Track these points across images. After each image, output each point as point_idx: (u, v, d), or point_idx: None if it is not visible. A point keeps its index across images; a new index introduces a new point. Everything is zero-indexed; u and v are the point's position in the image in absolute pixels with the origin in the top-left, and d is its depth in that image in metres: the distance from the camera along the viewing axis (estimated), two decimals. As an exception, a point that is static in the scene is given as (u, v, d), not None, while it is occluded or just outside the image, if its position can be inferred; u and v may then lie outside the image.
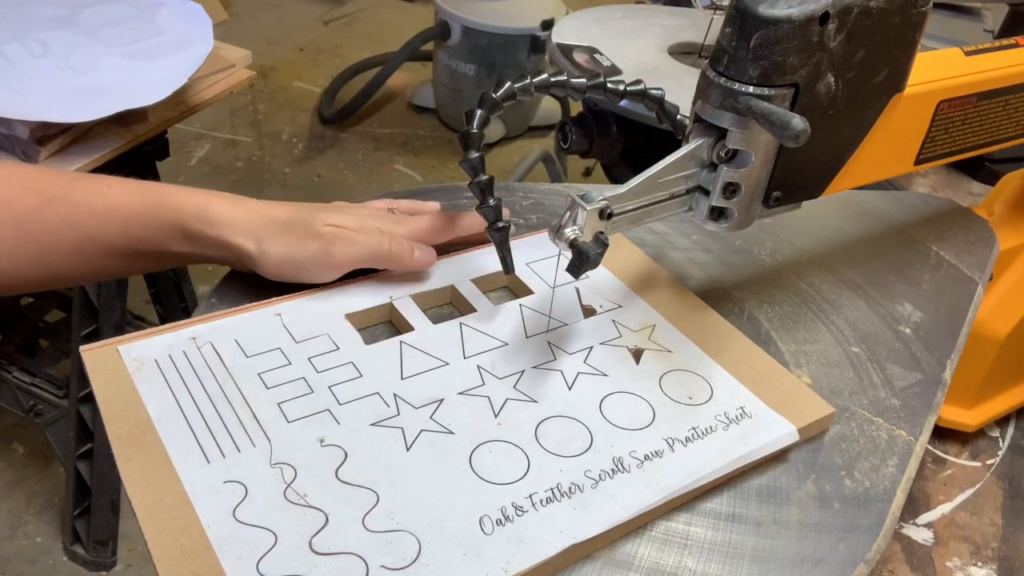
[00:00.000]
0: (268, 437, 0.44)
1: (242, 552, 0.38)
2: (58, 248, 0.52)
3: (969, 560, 0.61)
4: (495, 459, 0.44)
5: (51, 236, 0.51)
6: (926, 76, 0.52)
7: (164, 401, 0.45)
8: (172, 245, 0.52)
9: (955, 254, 0.66)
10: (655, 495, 0.43)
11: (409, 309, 0.54)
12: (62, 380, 1.31)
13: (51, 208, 0.51)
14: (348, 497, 0.41)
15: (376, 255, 0.54)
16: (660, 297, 0.57)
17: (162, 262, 0.55)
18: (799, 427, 0.48)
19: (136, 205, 0.52)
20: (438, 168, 2.38)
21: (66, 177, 0.53)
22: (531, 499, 0.42)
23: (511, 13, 2.27)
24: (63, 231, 0.51)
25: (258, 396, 0.46)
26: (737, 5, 0.43)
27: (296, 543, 0.39)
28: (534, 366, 0.50)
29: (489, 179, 0.53)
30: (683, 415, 0.48)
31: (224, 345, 0.49)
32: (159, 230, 0.52)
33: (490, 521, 0.41)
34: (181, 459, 0.42)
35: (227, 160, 2.28)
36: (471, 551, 0.40)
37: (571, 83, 0.55)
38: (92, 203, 0.51)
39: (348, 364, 0.49)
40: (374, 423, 0.46)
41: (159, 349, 0.49)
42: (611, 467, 0.44)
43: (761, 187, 0.48)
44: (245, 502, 0.41)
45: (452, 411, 0.47)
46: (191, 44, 1.09)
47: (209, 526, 0.39)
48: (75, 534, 1.35)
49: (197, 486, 0.41)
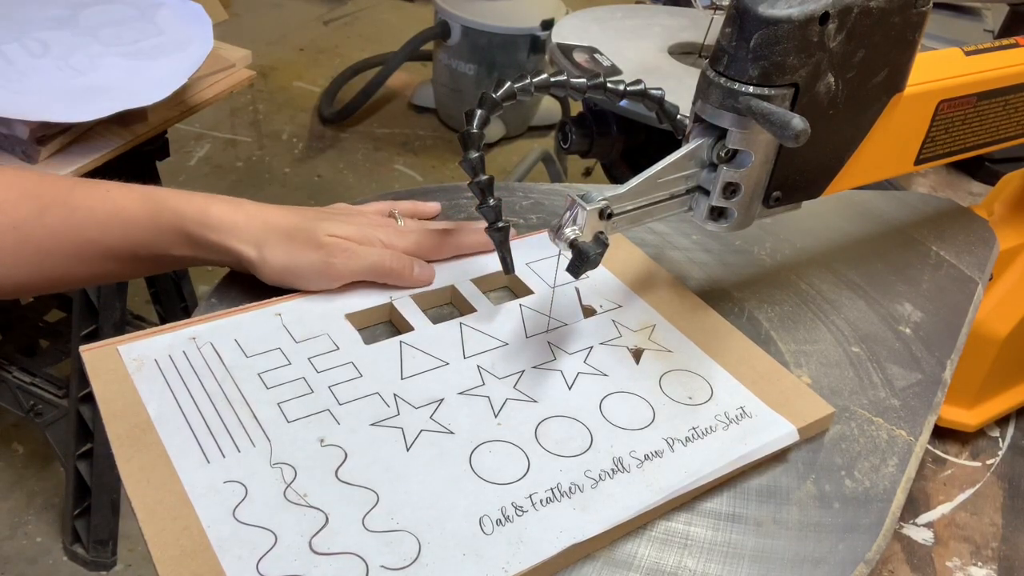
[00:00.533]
0: (268, 437, 0.44)
1: (242, 552, 0.38)
2: (58, 253, 0.52)
3: (969, 560, 0.61)
4: (495, 459, 0.44)
5: (51, 241, 0.51)
6: (926, 76, 0.52)
7: (164, 401, 0.45)
8: (173, 249, 0.52)
9: (955, 254, 0.67)
10: (655, 495, 0.43)
11: (409, 309, 0.54)
12: (62, 380, 1.31)
13: (50, 213, 0.51)
14: (348, 497, 0.41)
15: (376, 270, 0.54)
16: (660, 297, 0.57)
17: (162, 265, 0.55)
18: (799, 427, 0.48)
19: (136, 209, 0.52)
20: (438, 168, 2.38)
21: (65, 182, 0.53)
22: (531, 499, 0.42)
23: (511, 13, 2.27)
24: (63, 236, 0.51)
25: (258, 396, 0.46)
26: (737, 5, 0.43)
27: (296, 543, 0.39)
28: (534, 366, 0.50)
29: (489, 179, 0.53)
30: (683, 415, 0.48)
31: (224, 345, 0.49)
32: (160, 234, 0.52)
33: (490, 521, 0.41)
34: (181, 459, 0.42)
35: (227, 160, 2.28)
36: (471, 551, 0.40)
37: (571, 83, 0.55)
38: (92, 208, 0.51)
39: (348, 364, 0.49)
40: (374, 423, 0.46)
41: (159, 349, 0.49)
42: (611, 467, 0.44)
43: (761, 187, 0.48)
44: (245, 502, 0.41)
45: (452, 411, 0.47)
46: (191, 44, 1.09)
47: (209, 526, 0.39)
48: (75, 534, 1.35)
49: (197, 486, 0.41)
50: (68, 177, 0.54)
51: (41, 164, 0.99)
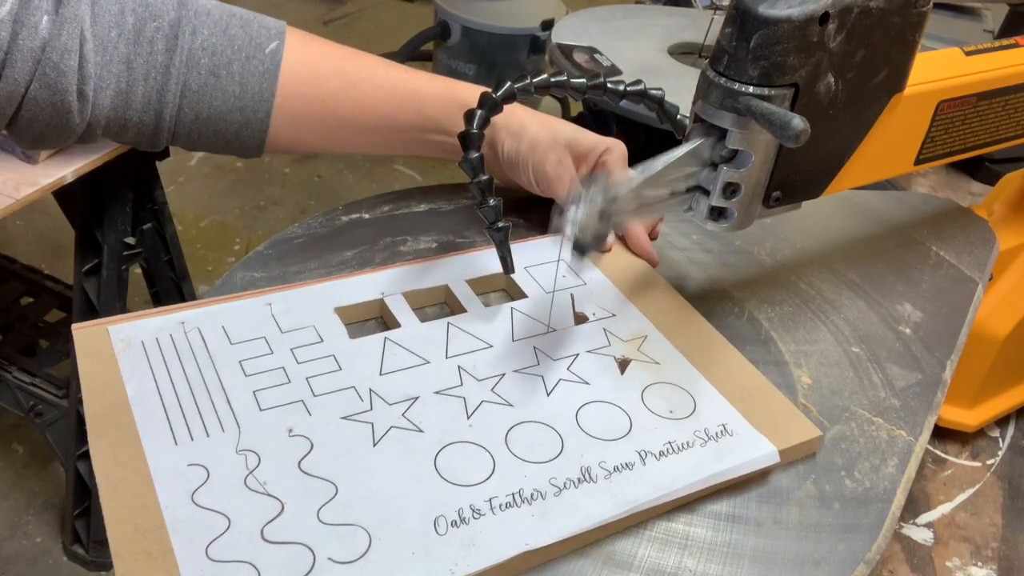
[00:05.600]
0: (238, 423, 0.44)
1: (194, 535, 0.39)
2: (356, 124, 0.58)
3: (969, 560, 0.61)
4: (461, 460, 0.44)
5: (354, 113, 0.57)
6: (926, 76, 0.52)
7: (143, 382, 0.46)
8: (455, 126, 0.57)
9: (955, 254, 0.66)
10: (618, 507, 0.42)
11: (399, 306, 0.54)
12: (62, 380, 1.31)
13: (358, 89, 0.57)
14: (307, 488, 0.42)
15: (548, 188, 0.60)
16: (655, 307, 0.56)
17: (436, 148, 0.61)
18: (781, 448, 0.47)
19: (431, 89, 0.59)
20: (438, 168, 2.37)
21: (369, 61, 0.59)
22: (490, 503, 0.42)
23: (511, 13, 2.27)
24: (367, 109, 0.58)
25: (236, 383, 0.47)
26: (737, 5, 0.43)
27: (248, 529, 0.39)
28: (516, 370, 0.50)
29: (489, 179, 0.53)
30: (661, 428, 0.47)
31: (210, 331, 0.50)
32: (450, 113, 0.58)
33: (445, 522, 0.41)
34: (150, 440, 0.43)
35: (227, 160, 2.28)
36: (421, 550, 0.39)
37: (571, 83, 0.55)
38: (395, 86, 0.58)
39: (329, 357, 0.49)
40: (345, 416, 0.46)
41: (148, 331, 0.49)
42: (577, 476, 0.44)
43: (761, 187, 0.48)
44: (205, 486, 0.41)
45: (425, 409, 0.47)
46: (191, 44, 1.09)
47: (167, 507, 0.40)
48: (75, 534, 1.35)
49: (162, 467, 0.41)
50: (370, 56, 0.60)
51: (41, 164, 0.99)
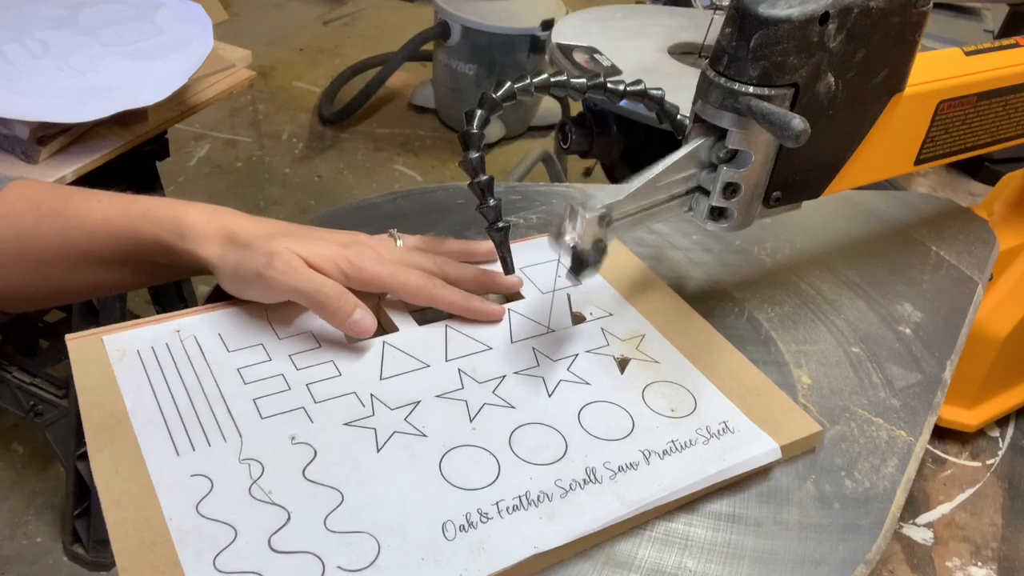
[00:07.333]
0: (240, 432, 0.44)
1: (201, 546, 0.38)
2: (55, 262, 0.52)
3: (969, 560, 0.61)
4: (465, 464, 0.44)
5: (48, 251, 0.52)
6: (926, 76, 0.52)
7: (141, 392, 0.45)
8: (156, 257, 0.52)
9: (955, 254, 0.66)
10: (624, 507, 0.42)
11: (396, 310, 0.53)
12: (62, 380, 1.31)
13: (47, 223, 0.52)
14: (313, 496, 0.41)
15: (310, 297, 0.49)
16: (653, 306, 0.56)
17: (154, 276, 0.55)
18: (782, 444, 0.47)
19: (121, 220, 0.52)
20: (438, 168, 2.37)
21: (63, 192, 0.53)
22: (497, 506, 0.42)
23: (511, 13, 2.27)
24: (58, 245, 0.52)
25: (235, 391, 0.46)
26: (737, 5, 0.43)
27: (256, 540, 0.39)
28: (516, 372, 0.50)
29: (489, 179, 0.53)
30: (663, 427, 0.47)
31: (207, 339, 0.49)
32: (141, 244, 0.52)
33: (453, 527, 0.41)
34: (151, 451, 0.42)
35: (227, 160, 2.28)
36: (430, 556, 0.39)
37: (571, 83, 0.55)
38: (82, 218, 0.52)
39: (328, 363, 0.49)
40: (347, 422, 0.45)
41: (143, 341, 0.49)
42: (583, 477, 0.44)
43: (761, 187, 0.48)
44: (209, 496, 0.41)
45: (427, 413, 0.46)
46: (191, 44, 1.09)
47: (171, 518, 0.39)
48: (75, 534, 1.35)
49: (164, 478, 0.41)
50: (69, 187, 0.55)
51: (41, 164, 0.99)
